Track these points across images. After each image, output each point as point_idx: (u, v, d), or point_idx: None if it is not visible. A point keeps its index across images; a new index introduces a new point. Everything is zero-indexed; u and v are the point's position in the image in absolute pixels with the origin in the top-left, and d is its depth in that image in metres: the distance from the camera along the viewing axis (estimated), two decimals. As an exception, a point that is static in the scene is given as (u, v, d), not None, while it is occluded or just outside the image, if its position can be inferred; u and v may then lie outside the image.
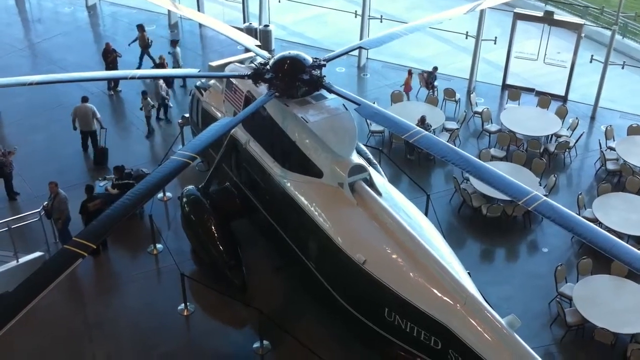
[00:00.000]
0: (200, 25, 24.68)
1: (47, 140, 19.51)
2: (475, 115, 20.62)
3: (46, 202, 15.43)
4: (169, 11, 25.04)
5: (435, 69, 21.32)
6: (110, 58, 21.50)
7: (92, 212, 15.25)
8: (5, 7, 27.01)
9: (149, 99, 19.32)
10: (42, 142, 19.36)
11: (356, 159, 13.36)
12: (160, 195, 17.08)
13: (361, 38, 22.82)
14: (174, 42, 22.38)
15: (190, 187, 15.63)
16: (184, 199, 15.42)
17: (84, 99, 18.80)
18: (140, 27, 22.55)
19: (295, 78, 13.58)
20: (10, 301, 9.90)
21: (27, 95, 20.42)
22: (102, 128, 18.86)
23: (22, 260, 14.79)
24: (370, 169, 13.34)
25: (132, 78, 15.00)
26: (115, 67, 21.60)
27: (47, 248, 15.45)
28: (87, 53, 23.00)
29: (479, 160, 12.36)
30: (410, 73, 21.40)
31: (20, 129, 19.87)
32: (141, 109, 19.47)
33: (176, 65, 21.82)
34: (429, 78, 21.23)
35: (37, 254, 15.13)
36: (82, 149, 19.06)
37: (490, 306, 10.88)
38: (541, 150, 18.95)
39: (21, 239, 15.27)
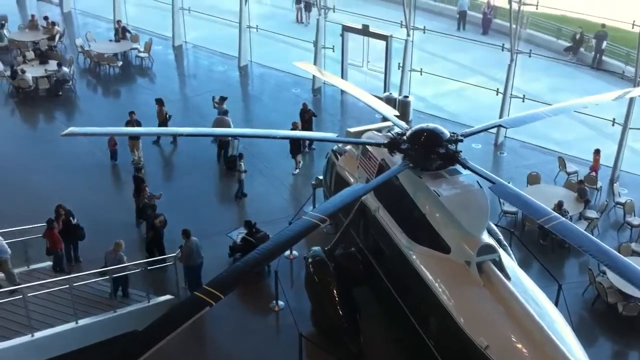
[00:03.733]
0: (342, 91, 25.42)
1: (188, 188, 20.60)
2: (617, 205, 19.60)
3: (180, 248, 16.20)
4: (313, 76, 26.05)
5: (581, 182, 19.72)
6: (306, 117, 22.34)
7: (157, 227, 17.06)
8: (166, 61, 29.23)
9: (241, 162, 20.09)
10: (184, 190, 20.45)
11: (486, 238, 13.04)
12: (287, 252, 17.45)
13: (501, 116, 22.57)
14: (222, 99, 23.06)
15: (317, 248, 15.85)
16: (310, 259, 15.64)
17: (224, 112, 21.33)
18: (159, 102, 22.76)
19: (431, 150, 13.59)
20: (139, 340, 10.37)
21: (177, 145, 21.84)
22: (234, 139, 21.07)
23: (153, 301, 15.53)
24: (500, 251, 12.97)
25: (275, 137, 15.61)
26: (310, 127, 22.33)
27: (177, 292, 16.13)
28: (235, 109, 24.22)
29: (618, 254, 11.67)
30: (597, 152, 20.73)
31: (165, 176, 21.16)
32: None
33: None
34: (581, 194, 19.36)
35: (167, 296, 15.84)
36: (217, 159, 21.60)
37: (621, 413, 10.10)
38: (689, 250, 17.64)
39: (155, 280, 16.06)
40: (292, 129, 21.14)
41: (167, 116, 22.68)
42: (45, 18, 30.36)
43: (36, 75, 25.88)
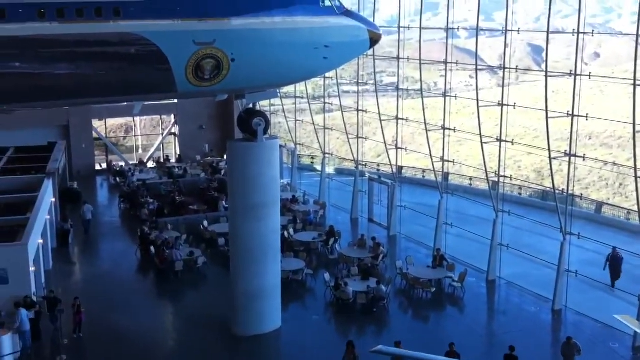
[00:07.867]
0: (669, 355, 22.81)
1: None
2: None
3: None
4: (635, 332, 23.90)
5: None
6: None
7: None
8: (477, 293, 29.45)
9: None
10: None
11: None
12: None
13: None
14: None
15: None
16: None
17: None
18: (349, 344, 21.77)
19: None
20: None
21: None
22: None
23: None
24: None
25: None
26: None
27: None
28: (542, 357, 23.06)
29: None
30: None
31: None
32: None
33: None
34: None
35: None
36: None
37: None
38: None
39: None
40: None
41: None
42: (373, 239, 33.31)
43: (356, 289, 27.98)
